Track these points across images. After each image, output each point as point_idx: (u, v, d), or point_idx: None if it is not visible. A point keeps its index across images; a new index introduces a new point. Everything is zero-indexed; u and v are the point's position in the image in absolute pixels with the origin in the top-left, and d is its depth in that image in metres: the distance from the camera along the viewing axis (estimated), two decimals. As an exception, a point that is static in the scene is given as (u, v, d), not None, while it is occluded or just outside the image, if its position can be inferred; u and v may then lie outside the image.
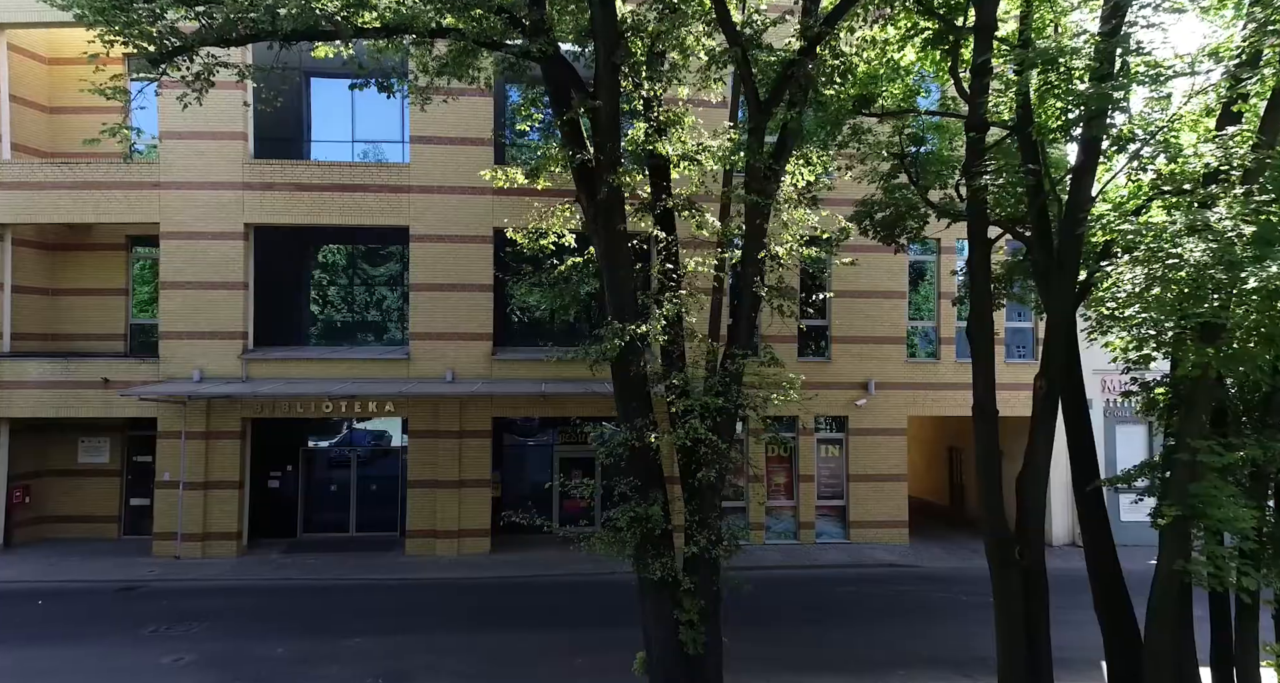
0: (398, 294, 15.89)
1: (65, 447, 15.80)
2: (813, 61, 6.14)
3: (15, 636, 10.02)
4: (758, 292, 6.52)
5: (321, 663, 9.13)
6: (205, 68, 6.47)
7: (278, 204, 14.64)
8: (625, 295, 6.71)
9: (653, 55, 6.84)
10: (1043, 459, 6.94)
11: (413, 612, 11.21)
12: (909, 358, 16.21)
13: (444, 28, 5.82)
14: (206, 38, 5.86)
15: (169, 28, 6.00)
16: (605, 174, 6.36)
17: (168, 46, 5.89)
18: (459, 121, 14.64)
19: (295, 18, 5.44)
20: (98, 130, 16.56)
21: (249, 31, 5.74)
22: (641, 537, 6.42)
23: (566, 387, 14.37)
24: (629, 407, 6.72)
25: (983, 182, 6.50)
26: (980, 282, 6.94)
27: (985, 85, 6.77)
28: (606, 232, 6.60)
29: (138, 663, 9.03)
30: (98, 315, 15.75)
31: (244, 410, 14.47)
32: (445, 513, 14.63)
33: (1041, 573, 6.90)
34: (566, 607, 11.60)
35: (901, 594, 12.49)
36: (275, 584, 12.66)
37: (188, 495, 14.12)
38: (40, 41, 15.56)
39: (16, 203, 14.42)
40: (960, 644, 10.16)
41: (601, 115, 6.28)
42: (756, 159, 6.30)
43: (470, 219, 14.89)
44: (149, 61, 6.06)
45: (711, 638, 6.56)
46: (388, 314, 16.08)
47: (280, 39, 5.78)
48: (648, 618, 6.66)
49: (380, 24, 5.81)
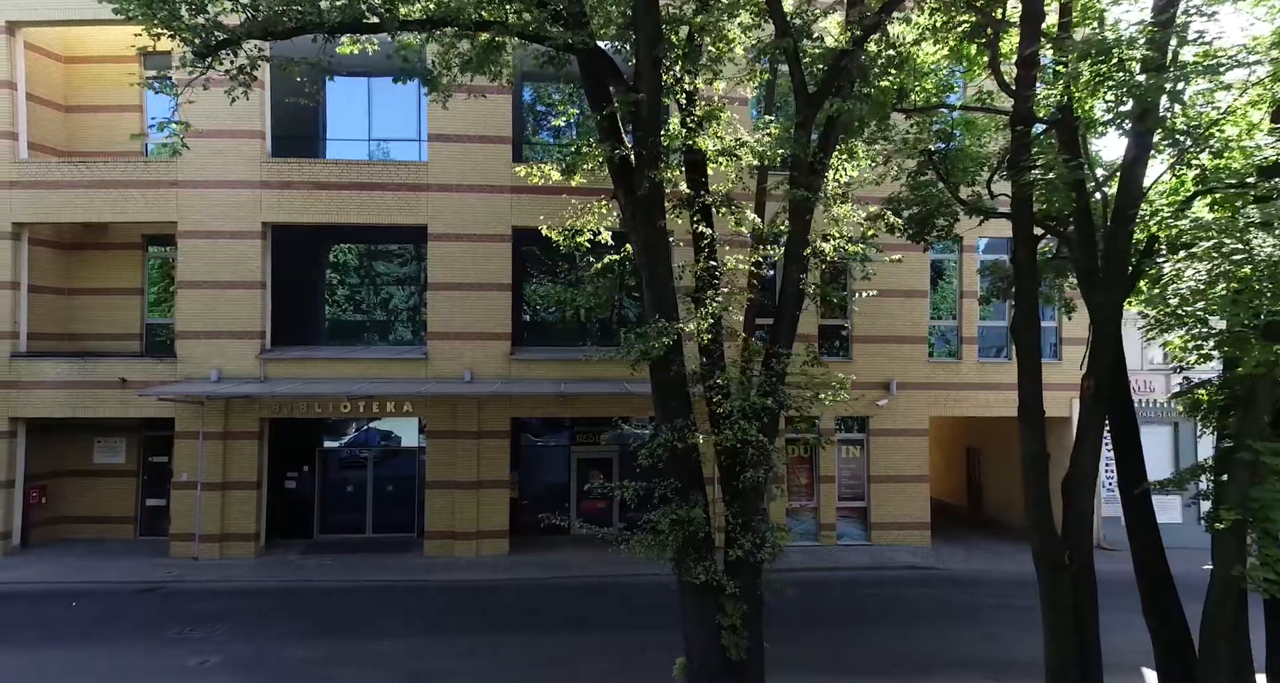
0: (415, 294, 15.80)
1: (81, 447, 15.74)
2: (864, 53, 6.00)
3: (39, 636, 9.95)
4: (804, 289, 6.38)
5: (348, 666, 9.02)
6: (250, 61, 6.35)
7: (295, 203, 14.56)
8: (665, 293, 6.59)
9: (692, 48, 6.72)
10: (1091, 461, 6.79)
11: (436, 614, 11.10)
12: (930, 358, 16.06)
13: (487, 20, 5.71)
14: (252, 31, 5.75)
15: (213, 22, 5.89)
16: (647, 169, 6.24)
17: (213, 40, 5.78)
18: (478, 119, 14.52)
19: (342, 9, 5.34)
20: (113, 128, 16.59)
21: (295, 24, 5.63)
22: (683, 540, 6.29)
23: (586, 386, 14.26)
24: (668, 407, 6.59)
25: (1032, 177, 6.35)
26: (1026, 279, 6.80)
27: (1032, 77, 6.63)
28: (646, 228, 6.48)
29: (163, 665, 8.94)
30: (112, 315, 15.68)
31: (262, 411, 14.39)
32: (463, 514, 14.52)
33: (1091, 577, 6.74)
34: (591, 609, 11.48)
35: (927, 597, 12.33)
36: (295, 586, 12.56)
37: (205, 496, 14.04)
38: (56, 40, 15.51)
39: (34, 202, 14.37)
40: (991, 648, 10.01)
41: (643, 109, 6.16)
42: (805, 153, 6.17)
43: (489, 218, 14.78)
44: (195, 55, 5.93)
45: (753, 643, 6.43)
46: (404, 314, 15.98)
47: (326, 31, 5.67)
48: (688, 622, 6.53)
49: (425, 16, 5.71)
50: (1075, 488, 6.86)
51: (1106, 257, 6.77)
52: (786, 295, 6.61)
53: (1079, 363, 17.56)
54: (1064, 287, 11.25)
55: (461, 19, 5.60)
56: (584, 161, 7.07)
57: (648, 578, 13.16)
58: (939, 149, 8.72)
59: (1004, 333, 16.67)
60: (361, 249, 16.06)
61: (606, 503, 16.60)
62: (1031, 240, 6.77)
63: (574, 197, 14.86)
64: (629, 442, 17.05)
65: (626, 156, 6.72)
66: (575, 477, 16.54)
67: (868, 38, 6.00)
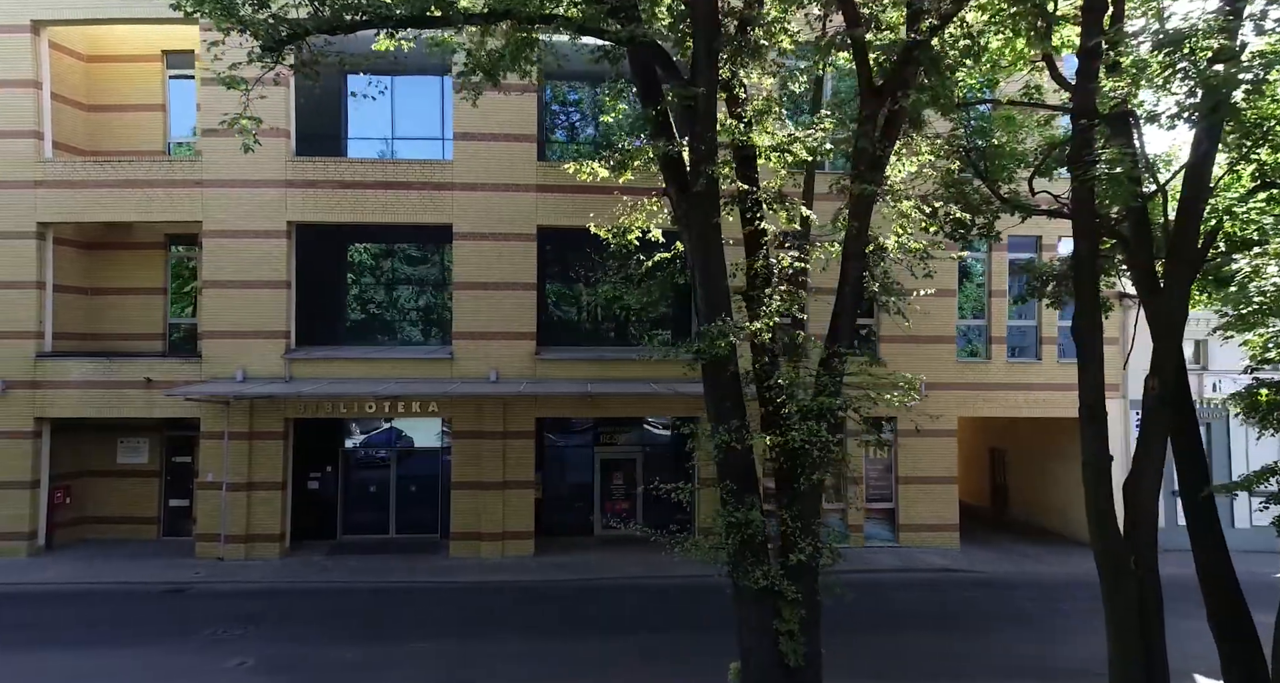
0: (439, 293, 15.69)
1: (104, 447, 15.71)
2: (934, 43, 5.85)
3: (74, 637, 9.89)
4: (870, 286, 6.24)
5: (384, 668, 8.92)
6: (313, 56, 6.25)
7: (320, 202, 14.48)
8: (719, 292, 6.46)
9: (744, 42, 6.59)
10: (1155, 463, 6.63)
11: (468, 616, 10.99)
12: (960, 358, 15.88)
13: (548, 14, 5.60)
14: (319, 26, 5.65)
15: (278, 17, 5.77)
16: (704, 165, 6.11)
17: (279, 35, 5.67)
18: (503, 118, 14.42)
19: (409, 3, 5.23)
20: (135, 128, 16.52)
21: (362, 18, 5.53)
22: (740, 543, 6.15)
23: (612, 386, 14.15)
24: (723, 407, 6.46)
25: (1098, 172, 6.19)
26: (1088, 277, 6.64)
27: (1095, 69, 6.46)
28: (701, 225, 6.35)
29: (201, 666, 8.86)
30: (134, 314, 15.65)
31: (287, 410, 14.32)
32: (489, 515, 14.42)
33: (1156, 582, 6.58)
34: (627, 611, 11.33)
35: (964, 601, 12.16)
36: (323, 587, 12.48)
37: (230, 497, 13.97)
38: (79, 39, 15.47)
39: (60, 202, 14.33)
40: (1040, 653, 9.83)
41: (700, 103, 6.03)
42: (872, 146, 6.02)
43: (514, 217, 14.68)
44: (264, 50, 5.83)
45: (811, 649, 6.29)
46: (428, 313, 15.88)
47: (392, 26, 5.58)
48: (744, 627, 6.40)
49: (487, 9, 5.59)
50: (1137, 490, 6.70)
51: (1171, 254, 6.60)
52: (845, 294, 6.48)
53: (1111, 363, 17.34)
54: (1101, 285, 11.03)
55: (523, 12, 5.50)
56: (634, 158, 6.95)
57: (677, 580, 13.06)
58: (975, 146, 8.54)
59: (1032, 332, 16.49)
60: (385, 248, 15.96)
61: (630, 503, 16.48)
62: (1094, 236, 6.61)
63: (602, 195, 14.85)
64: (652, 442, 16.97)
65: (678, 153, 6.59)
66: (599, 477, 16.42)
67: (944, 26, 5.85)
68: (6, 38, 14.16)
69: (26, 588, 12.25)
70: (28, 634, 10.01)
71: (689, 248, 6.58)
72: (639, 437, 16.88)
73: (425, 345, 15.41)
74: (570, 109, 16.28)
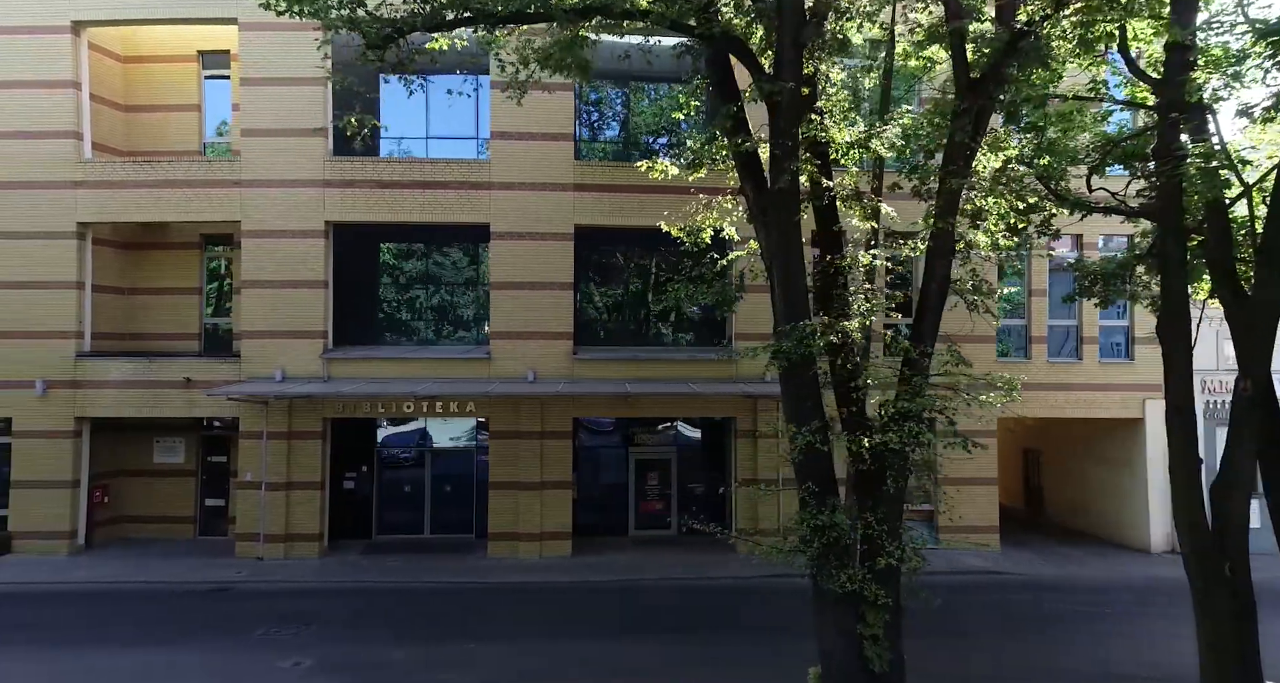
0: (476, 293, 15.65)
1: (141, 447, 15.75)
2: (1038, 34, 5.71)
3: (128, 636, 9.89)
4: (963, 284, 6.13)
5: (442, 669, 8.86)
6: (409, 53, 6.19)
7: (358, 202, 14.47)
8: (798, 292, 6.36)
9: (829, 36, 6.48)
10: (1247, 466, 6.47)
11: (517, 616, 10.92)
12: (1000, 357, 15.69)
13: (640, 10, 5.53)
14: (419, 23, 5.58)
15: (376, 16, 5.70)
16: (788, 162, 6.00)
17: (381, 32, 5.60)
18: (540, 117, 14.34)
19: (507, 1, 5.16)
20: (171, 128, 16.57)
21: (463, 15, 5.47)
22: (824, 546, 6.04)
23: (652, 386, 14.09)
24: (804, 408, 6.36)
25: (1191, 167, 6.04)
26: (1175, 275, 6.51)
27: (1184, 61, 6.32)
28: (780, 224, 6.24)
29: (259, 667, 8.84)
30: (170, 314, 15.69)
31: (325, 410, 14.32)
32: (527, 515, 14.36)
33: (1248, 587, 6.42)
34: (678, 612, 11.18)
35: (1016, 604, 11.99)
36: (366, 586, 12.46)
37: (269, 496, 13.98)
38: (116, 40, 15.52)
39: (99, 202, 14.37)
40: (1103, 657, 9.64)
41: (785, 99, 5.92)
42: (968, 140, 5.91)
43: (551, 216, 14.61)
44: (368, 48, 5.77)
45: (895, 654, 6.18)
46: (465, 313, 15.83)
47: (494, 22, 5.51)
48: (826, 631, 6.29)
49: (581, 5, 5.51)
50: (1229, 495, 6.54)
51: (1262, 252, 6.44)
52: (931, 291, 6.36)
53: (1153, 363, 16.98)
54: (1151, 284, 10.85)
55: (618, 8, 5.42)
56: (709, 156, 6.84)
57: (719, 582, 12.97)
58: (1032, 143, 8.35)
59: (1073, 332, 16.28)
60: (420, 248, 15.92)
61: (664, 503, 16.40)
62: (1181, 233, 6.48)
63: (640, 194, 14.79)
64: (686, 442, 16.87)
65: (754, 150, 6.49)
66: (633, 477, 16.34)
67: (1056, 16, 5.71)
68: (47, 39, 14.22)
69: (72, 586, 12.29)
70: (81, 633, 10.03)
71: (766, 247, 6.48)
72: (672, 437, 16.79)
73: (461, 345, 15.36)
74: (604, 108, 16.17)
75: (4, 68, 14.17)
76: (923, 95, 10.93)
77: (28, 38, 14.20)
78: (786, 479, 14.85)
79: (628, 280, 16.06)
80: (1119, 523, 16.50)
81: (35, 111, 14.20)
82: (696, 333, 16.03)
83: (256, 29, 14.20)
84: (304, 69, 14.25)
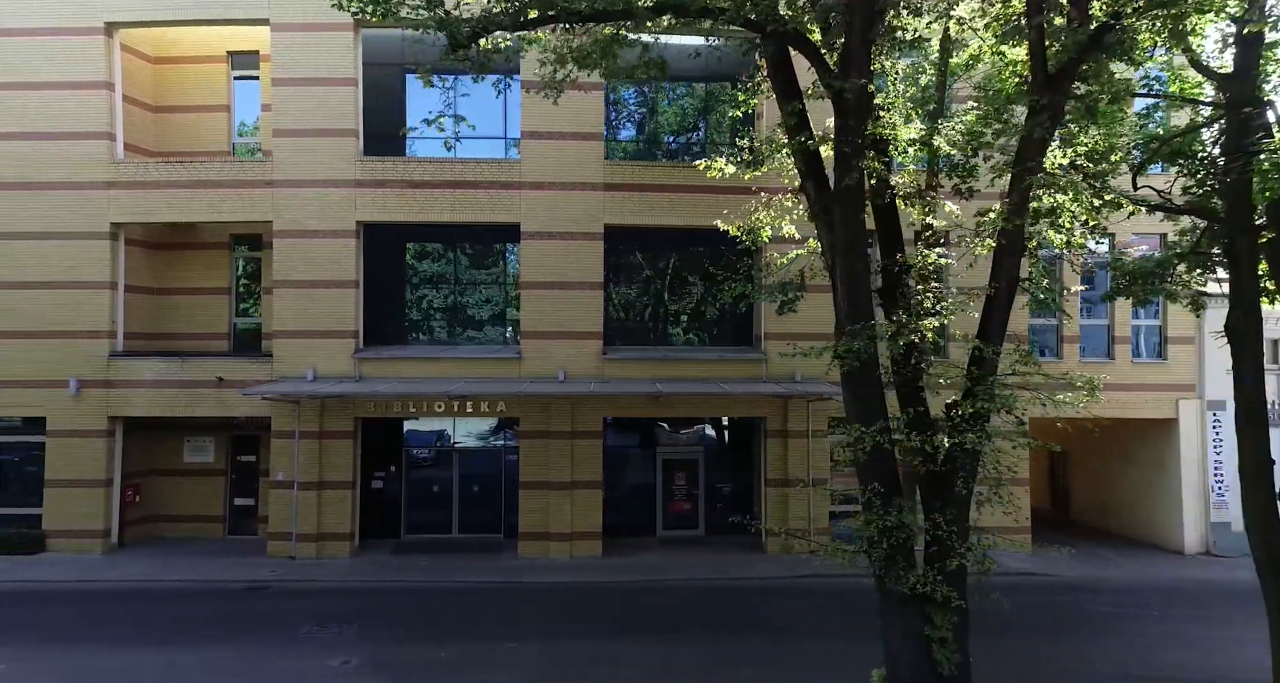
0: (504, 292, 15.64)
1: (171, 446, 15.82)
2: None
3: (172, 635, 9.91)
4: (1038, 282, 6.07)
5: (486, 669, 8.84)
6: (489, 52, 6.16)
7: (389, 202, 14.48)
8: (863, 291, 6.30)
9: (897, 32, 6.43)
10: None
11: (555, 616, 10.89)
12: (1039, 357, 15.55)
13: (714, 7, 5.50)
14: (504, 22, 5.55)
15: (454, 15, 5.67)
16: (855, 160, 5.95)
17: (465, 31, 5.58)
18: (571, 117, 14.31)
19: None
20: (199, 129, 16.61)
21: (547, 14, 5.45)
22: (891, 548, 5.99)
23: (682, 386, 14.06)
24: (869, 408, 6.30)
25: (1266, 162, 5.96)
26: (1246, 273, 6.42)
27: (1256, 57, 6.23)
28: (845, 222, 6.19)
29: (307, 665, 8.85)
30: (199, 314, 15.75)
31: (356, 410, 14.34)
32: (558, 515, 14.35)
33: (1321, 590, 6.33)
34: (719, 613, 11.08)
35: (1057, 605, 11.87)
36: (401, 586, 12.46)
37: (302, 495, 14.00)
38: (147, 41, 15.59)
39: (132, 203, 14.43)
40: (1159, 660, 9.52)
41: (854, 97, 5.86)
42: (1048, 136, 5.85)
43: (581, 216, 14.60)
44: (452, 46, 5.76)
45: (963, 657, 6.12)
46: (494, 313, 15.82)
47: (579, 19, 5.50)
48: (892, 633, 6.24)
49: (658, 3, 5.48)
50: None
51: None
52: (1000, 290, 6.31)
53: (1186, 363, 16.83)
54: (1191, 283, 10.73)
55: (693, 5, 5.40)
56: (772, 153, 6.79)
57: (751, 583, 12.93)
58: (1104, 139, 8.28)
59: (1105, 331, 16.16)
60: (450, 248, 15.91)
61: (692, 504, 16.35)
62: (1253, 230, 6.39)
63: (669, 194, 14.76)
64: (713, 442, 16.82)
65: (817, 149, 6.44)
66: (661, 478, 16.29)
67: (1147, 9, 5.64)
68: (80, 40, 14.29)
69: (111, 584, 12.35)
70: (127, 631, 10.06)
71: (828, 245, 6.43)
72: (699, 437, 16.75)
73: (491, 345, 15.37)
74: (634, 107, 16.13)
75: (38, 69, 14.25)
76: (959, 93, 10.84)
77: (62, 39, 14.28)
78: (817, 479, 14.92)
79: (657, 280, 16.03)
80: (1151, 524, 16.36)
81: (69, 113, 14.28)
82: (723, 333, 15.99)
83: (288, 29, 14.25)
84: (335, 69, 14.34)
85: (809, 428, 14.81)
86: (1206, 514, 15.39)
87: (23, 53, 14.26)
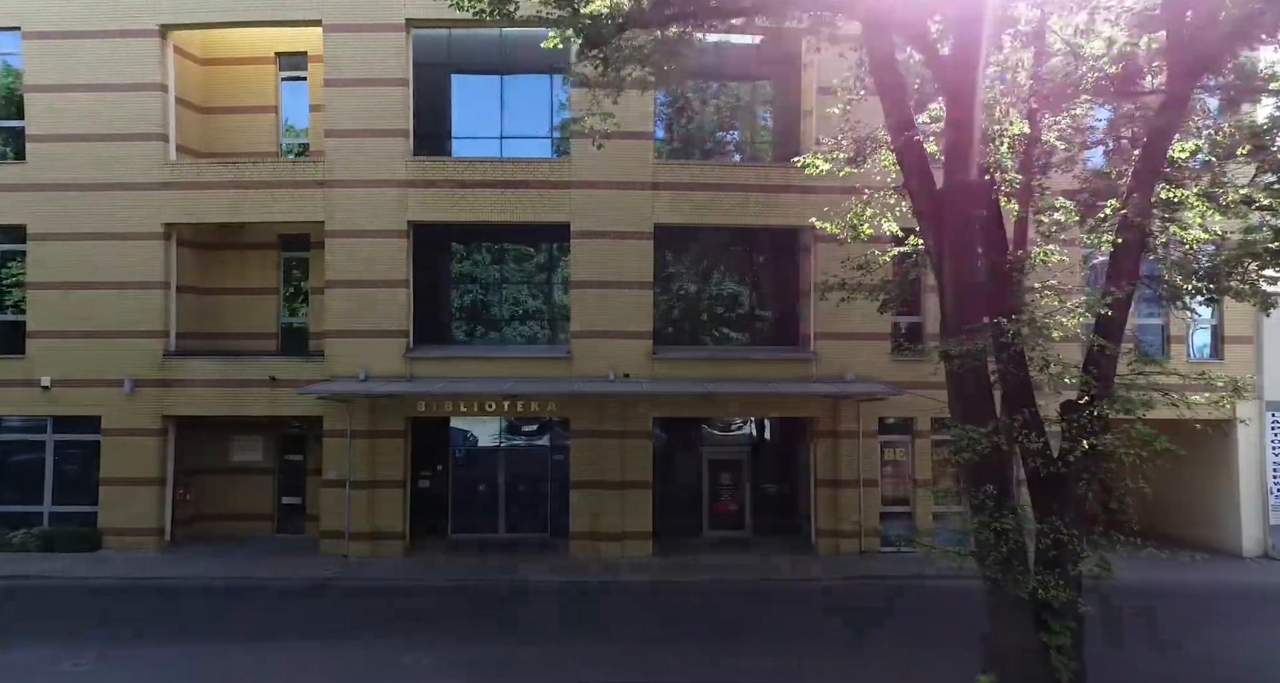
0: (554, 292, 15.62)
1: (218, 445, 15.92)
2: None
3: (248, 631, 9.95)
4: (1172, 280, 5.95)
5: (573, 669, 8.76)
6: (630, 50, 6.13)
7: (439, 201, 14.49)
8: (972, 290, 6.20)
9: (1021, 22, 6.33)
10: None
11: (626, 616, 10.81)
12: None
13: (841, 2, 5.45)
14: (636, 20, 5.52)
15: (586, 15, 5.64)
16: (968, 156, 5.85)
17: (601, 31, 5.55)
18: (620, 115, 14.16)
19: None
20: (248, 129, 16.68)
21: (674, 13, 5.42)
22: (1008, 552, 5.89)
23: (733, 386, 14.00)
24: (979, 409, 6.21)
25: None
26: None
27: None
28: (955, 221, 6.09)
29: (381, 662, 8.86)
30: (248, 314, 15.83)
31: (407, 409, 14.36)
32: (609, 515, 14.32)
33: None
34: (779, 617, 10.91)
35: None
36: (459, 584, 12.44)
37: (353, 494, 14.05)
38: (196, 42, 15.69)
39: (184, 203, 14.53)
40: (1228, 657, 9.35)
41: (964, 89, 5.77)
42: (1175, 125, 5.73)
43: (631, 215, 14.55)
44: (587, 45, 5.73)
45: (1080, 663, 6.01)
46: (543, 312, 15.81)
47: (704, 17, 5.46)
48: (1004, 639, 6.14)
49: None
50: None
51: None
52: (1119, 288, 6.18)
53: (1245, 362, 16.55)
54: (1260, 281, 10.50)
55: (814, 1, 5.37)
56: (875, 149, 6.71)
57: (800, 585, 12.82)
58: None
59: (1158, 330, 15.93)
60: (499, 247, 15.91)
61: (738, 504, 16.28)
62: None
63: (718, 192, 14.68)
64: (758, 443, 16.73)
65: (921, 144, 6.35)
66: (707, 478, 16.23)
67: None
68: (135, 42, 14.40)
69: (171, 582, 12.43)
70: (203, 626, 10.12)
71: (938, 243, 6.34)
72: (745, 437, 16.67)
73: (541, 344, 15.36)
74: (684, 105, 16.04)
75: (95, 71, 14.36)
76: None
77: (116, 42, 14.39)
78: (868, 479, 14.78)
79: (706, 279, 15.97)
80: (1206, 526, 16.09)
81: (124, 115, 14.38)
82: (771, 333, 15.90)
83: (340, 30, 14.28)
84: (387, 70, 14.36)
85: (860, 428, 14.68)
86: (1266, 517, 15.13)
87: (79, 56, 14.38)
